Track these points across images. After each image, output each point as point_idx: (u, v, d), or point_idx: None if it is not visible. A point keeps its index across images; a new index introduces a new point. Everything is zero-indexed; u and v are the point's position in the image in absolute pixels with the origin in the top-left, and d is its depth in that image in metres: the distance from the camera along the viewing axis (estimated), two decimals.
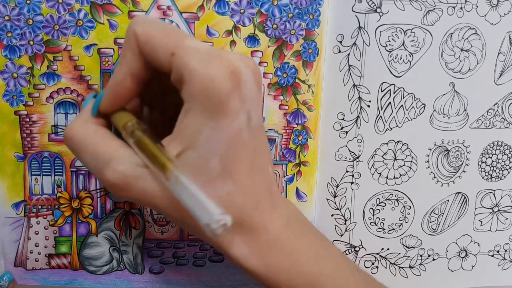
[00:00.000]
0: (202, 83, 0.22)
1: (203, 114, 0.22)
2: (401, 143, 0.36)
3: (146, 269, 0.36)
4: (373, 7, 0.34)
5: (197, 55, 0.22)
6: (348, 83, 0.35)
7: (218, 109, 0.22)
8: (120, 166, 0.23)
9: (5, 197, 0.34)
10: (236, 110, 0.22)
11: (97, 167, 0.24)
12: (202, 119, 0.22)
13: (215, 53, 0.23)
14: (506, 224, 0.39)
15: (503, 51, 0.36)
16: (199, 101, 0.22)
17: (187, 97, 0.23)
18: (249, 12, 0.33)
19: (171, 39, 0.23)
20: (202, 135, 0.22)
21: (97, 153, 0.24)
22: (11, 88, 0.33)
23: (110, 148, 0.24)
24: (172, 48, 0.23)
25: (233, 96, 0.22)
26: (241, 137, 0.23)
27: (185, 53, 0.22)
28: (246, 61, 0.23)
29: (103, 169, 0.24)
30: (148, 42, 0.23)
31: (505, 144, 0.38)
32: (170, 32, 0.23)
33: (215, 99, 0.22)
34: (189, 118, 0.23)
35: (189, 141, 0.23)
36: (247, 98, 0.23)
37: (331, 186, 0.37)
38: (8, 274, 0.35)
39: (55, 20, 0.32)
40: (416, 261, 0.38)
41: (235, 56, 0.23)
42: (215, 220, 0.19)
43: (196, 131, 0.22)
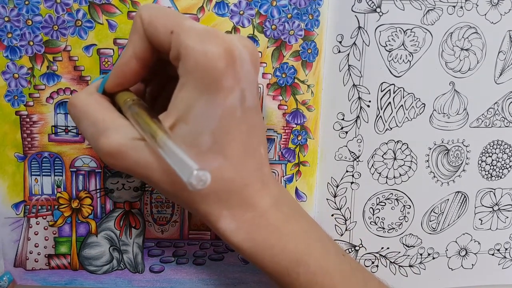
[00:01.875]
0: (197, 59, 0.22)
1: (196, 88, 0.23)
2: (401, 142, 0.36)
3: (146, 268, 0.36)
4: (373, 7, 0.34)
5: (194, 33, 0.23)
6: (348, 83, 0.35)
7: (211, 85, 0.22)
8: (115, 135, 0.24)
9: (5, 197, 0.34)
10: (229, 87, 0.23)
11: (94, 134, 0.25)
12: (196, 94, 0.23)
13: (211, 32, 0.23)
14: (507, 222, 0.39)
15: (503, 50, 0.36)
16: (193, 76, 0.22)
17: (183, 72, 0.23)
18: (248, 13, 0.33)
19: (171, 20, 0.24)
20: (195, 109, 0.23)
21: (96, 121, 0.25)
22: (13, 89, 0.33)
23: (109, 117, 0.25)
24: (171, 27, 0.23)
25: (227, 73, 0.22)
26: (234, 114, 0.23)
27: (182, 31, 0.23)
28: (243, 42, 0.24)
29: (100, 136, 0.24)
30: (151, 23, 0.24)
31: (505, 143, 0.38)
32: (170, 14, 0.24)
33: (208, 75, 0.22)
34: (183, 92, 0.23)
35: (181, 114, 0.23)
36: (242, 77, 0.23)
37: (331, 186, 0.36)
38: (7, 275, 0.35)
39: (54, 21, 0.32)
40: (416, 260, 0.38)
41: (232, 37, 0.24)
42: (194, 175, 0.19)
43: (189, 105, 0.23)
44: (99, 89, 0.27)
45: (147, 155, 0.24)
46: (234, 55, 0.23)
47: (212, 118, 0.23)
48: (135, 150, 0.24)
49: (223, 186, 0.24)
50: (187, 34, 0.23)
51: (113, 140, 0.24)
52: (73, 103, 0.26)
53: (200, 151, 0.23)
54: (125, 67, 0.26)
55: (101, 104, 0.26)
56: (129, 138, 0.24)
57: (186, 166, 0.20)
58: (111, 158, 0.24)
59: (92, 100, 0.26)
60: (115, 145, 0.24)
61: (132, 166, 0.24)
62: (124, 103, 0.26)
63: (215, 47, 0.22)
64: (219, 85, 0.22)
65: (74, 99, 0.27)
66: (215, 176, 0.23)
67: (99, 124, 0.25)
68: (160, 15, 0.24)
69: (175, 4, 0.33)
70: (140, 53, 0.25)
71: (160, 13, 0.24)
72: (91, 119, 0.25)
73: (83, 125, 0.26)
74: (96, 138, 0.25)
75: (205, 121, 0.23)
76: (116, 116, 0.25)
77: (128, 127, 0.25)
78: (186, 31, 0.23)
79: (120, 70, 0.26)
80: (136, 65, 0.26)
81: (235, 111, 0.23)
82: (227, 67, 0.22)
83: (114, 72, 0.26)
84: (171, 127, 0.23)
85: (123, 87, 0.27)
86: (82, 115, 0.26)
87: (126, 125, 0.25)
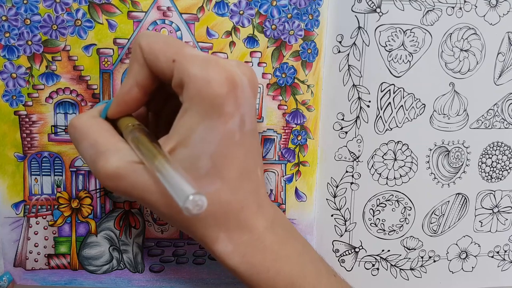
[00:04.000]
0: (200, 86, 0.22)
1: (198, 114, 0.23)
2: (401, 143, 0.35)
3: (146, 268, 0.35)
4: (373, 7, 0.32)
5: (195, 61, 0.23)
6: (347, 83, 0.33)
7: (213, 110, 0.22)
8: (114, 157, 0.24)
9: (5, 197, 0.33)
10: (230, 113, 0.23)
11: (93, 156, 0.24)
12: (197, 119, 0.23)
13: (212, 60, 0.23)
14: (506, 224, 0.38)
15: (503, 51, 0.35)
16: (196, 102, 0.23)
17: (186, 99, 0.23)
18: (248, 13, 0.32)
19: (171, 48, 0.24)
20: (196, 134, 0.23)
21: (96, 143, 0.25)
22: (10, 88, 0.32)
23: (109, 140, 0.25)
24: (173, 56, 0.23)
25: (228, 99, 0.23)
26: (233, 139, 0.23)
27: (184, 60, 0.23)
28: (242, 68, 0.24)
29: (99, 158, 0.24)
30: (151, 52, 0.24)
31: (505, 144, 0.36)
32: (170, 42, 0.24)
33: (210, 101, 0.22)
34: (185, 117, 0.23)
35: (182, 139, 0.23)
36: (242, 103, 0.23)
37: (330, 186, 0.35)
38: (7, 275, 0.34)
39: (53, 20, 0.31)
40: (417, 263, 0.37)
41: (232, 63, 0.24)
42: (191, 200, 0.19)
43: (190, 129, 0.23)
44: (102, 114, 0.27)
45: (145, 177, 0.23)
46: (235, 82, 0.23)
47: (212, 142, 0.23)
48: (133, 172, 0.23)
49: (220, 209, 0.24)
50: (190, 63, 0.23)
51: (112, 162, 0.23)
52: (73, 124, 0.26)
53: (198, 175, 0.23)
54: (127, 96, 0.26)
55: (102, 127, 0.26)
56: (128, 161, 0.24)
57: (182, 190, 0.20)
58: (108, 180, 0.24)
59: (93, 123, 0.26)
60: (113, 167, 0.23)
61: (129, 189, 0.24)
62: (125, 128, 0.26)
63: (217, 74, 0.22)
64: (220, 111, 0.22)
65: (75, 120, 0.26)
66: (213, 199, 0.23)
67: (99, 146, 0.24)
68: (159, 43, 0.24)
69: (175, 4, 0.32)
70: (141, 81, 0.25)
71: (159, 41, 0.24)
72: (91, 140, 0.25)
73: (83, 146, 0.25)
74: (95, 160, 0.24)
75: (204, 145, 0.23)
76: (117, 139, 0.25)
77: (127, 150, 0.24)
78: (188, 59, 0.23)
79: (122, 98, 0.26)
80: (137, 93, 0.25)
81: (234, 135, 0.23)
82: (228, 94, 0.22)
83: (116, 100, 0.26)
84: (171, 151, 0.23)
85: (125, 114, 0.27)
86: (82, 136, 0.25)
87: (125, 148, 0.24)
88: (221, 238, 0.25)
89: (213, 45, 0.32)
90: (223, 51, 0.32)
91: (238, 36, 0.32)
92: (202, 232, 0.25)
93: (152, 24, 0.32)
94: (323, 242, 0.36)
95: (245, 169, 0.24)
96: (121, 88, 0.26)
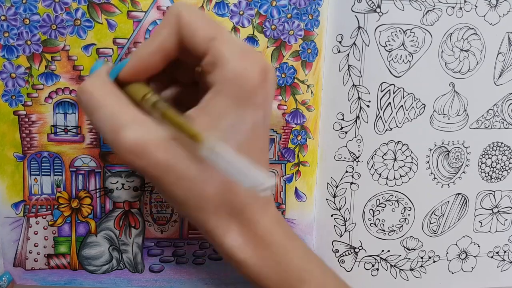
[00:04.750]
0: (236, 71, 0.22)
1: (231, 99, 0.22)
2: (401, 143, 0.34)
3: (146, 268, 0.35)
4: (373, 7, 0.32)
5: (234, 45, 0.23)
6: (347, 83, 0.33)
7: (246, 99, 0.22)
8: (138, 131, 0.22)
9: (5, 197, 0.33)
10: (259, 104, 0.23)
11: (113, 126, 0.22)
12: (230, 104, 0.22)
13: (249, 49, 0.24)
14: (506, 225, 0.38)
15: (503, 52, 0.34)
16: (229, 86, 0.22)
17: (219, 80, 0.22)
18: (248, 14, 0.32)
19: (212, 26, 0.23)
20: (228, 119, 0.22)
21: (115, 114, 0.22)
22: (10, 88, 0.31)
23: (131, 111, 0.23)
24: (213, 34, 0.23)
25: (260, 91, 0.23)
26: (258, 131, 0.23)
27: (224, 41, 0.23)
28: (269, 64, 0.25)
29: (119, 130, 0.22)
30: (191, 24, 0.23)
31: (505, 144, 0.36)
32: (210, 20, 0.24)
33: (245, 89, 0.22)
34: (218, 99, 0.22)
35: (213, 121, 0.22)
36: (267, 96, 0.23)
37: (330, 186, 0.35)
38: (7, 274, 0.33)
39: (52, 20, 0.31)
40: (417, 263, 0.36)
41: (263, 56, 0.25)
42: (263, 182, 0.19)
43: (221, 113, 0.22)
44: (111, 75, 0.24)
45: (170, 156, 0.22)
46: (268, 75, 0.23)
47: (241, 131, 0.23)
48: (159, 149, 0.22)
49: (238, 199, 0.23)
50: (229, 46, 0.22)
51: (135, 136, 0.21)
52: (86, 90, 0.23)
53: None
54: (148, 58, 0.24)
55: (118, 96, 0.24)
56: (155, 136, 0.22)
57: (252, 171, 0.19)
58: (130, 154, 0.22)
59: (108, 90, 0.24)
60: (138, 142, 0.21)
61: (150, 166, 0.22)
62: (143, 100, 0.23)
63: (254, 64, 0.22)
64: (252, 101, 0.22)
65: (87, 85, 0.24)
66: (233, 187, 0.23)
67: (120, 116, 0.22)
68: (201, 18, 0.23)
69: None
70: (168, 48, 0.24)
71: (201, 16, 0.24)
72: (109, 110, 0.23)
73: (99, 115, 0.23)
74: (114, 132, 0.22)
75: (234, 132, 0.22)
76: (136, 111, 0.23)
77: (152, 124, 0.22)
78: (227, 42, 0.23)
79: (142, 60, 0.24)
80: (159, 58, 0.24)
81: (259, 127, 0.23)
82: (261, 85, 0.23)
83: (134, 61, 0.24)
84: None
85: (139, 78, 0.25)
86: (98, 104, 0.23)
87: (149, 121, 0.22)
88: (232, 229, 0.24)
89: None
90: None
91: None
92: (214, 223, 0.24)
93: (152, 24, 0.31)
94: (322, 242, 0.35)
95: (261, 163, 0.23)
96: (142, 49, 0.24)
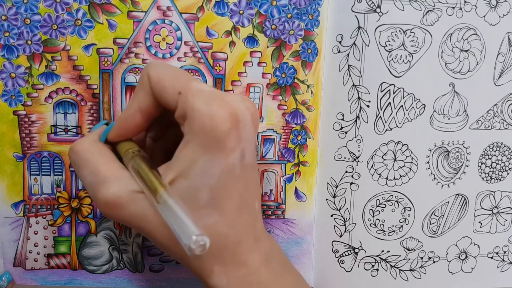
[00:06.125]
0: (203, 121, 0.22)
1: (200, 147, 0.23)
2: (401, 143, 0.34)
3: (146, 268, 0.34)
4: (373, 7, 0.31)
5: (200, 95, 0.23)
6: (347, 83, 0.33)
7: (215, 145, 0.22)
8: (115, 186, 0.24)
9: (5, 197, 0.32)
10: (231, 148, 0.23)
11: (93, 183, 0.24)
12: (199, 152, 0.23)
13: (217, 95, 0.23)
14: (505, 225, 0.37)
15: (502, 52, 0.34)
16: (198, 135, 0.23)
17: (188, 131, 0.23)
18: (248, 13, 0.32)
19: (179, 81, 0.24)
20: (196, 166, 0.23)
21: (97, 170, 0.25)
22: (9, 88, 0.31)
23: (110, 168, 0.25)
24: (179, 88, 0.23)
25: (231, 134, 0.23)
26: (233, 172, 0.23)
27: (190, 93, 0.23)
28: (246, 103, 0.24)
29: (99, 186, 0.24)
30: (159, 82, 0.24)
31: (505, 145, 0.36)
32: (178, 74, 0.24)
33: (213, 136, 0.22)
34: (186, 150, 0.23)
35: (183, 170, 0.23)
36: (243, 138, 0.23)
37: (330, 186, 0.34)
38: (7, 274, 0.33)
39: (53, 20, 0.30)
40: (416, 263, 0.36)
41: (236, 98, 0.24)
42: (194, 240, 0.19)
43: (191, 161, 0.23)
44: (102, 137, 0.27)
45: (144, 207, 0.23)
46: (238, 118, 0.23)
47: (212, 175, 0.23)
48: (132, 202, 0.23)
49: (217, 242, 0.24)
50: (195, 96, 0.23)
51: (112, 192, 0.23)
52: (75, 150, 0.26)
53: (197, 207, 0.23)
54: (129, 120, 0.26)
55: (103, 153, 0.26)
56: (128, 190, 0.24)
57: (187, 230, 0.20)
58: (107, 209, 0.24)
59: (94, 149, 0.26)
60: (113, 197, 0.23)
61: (128, 218, 0.24)
62: (125, 154, 0.25)
63: (221, 110, 0.22)
64: (222, 146, 0.22)
65: (76, 145, 0.26)
66: (210, 232, 0.23)
67: (100, 173, 0.24)
68: (167, 75, 0.24)
69: (175, 4, 0.31)
70: (145, 108, 0.25)
71: (167, 72, 0.24)
72: (91, 167, 0.25)
73: (83, 172, 0.25)
74: (95, 188, 0.24)
75: (204, 178, 0.23)
76: (117, 167, 0.25)
77: (127, 179, 0.24)
78: (193, 93, 0.23)
79: (124, 122, 0.26)
80: (140, 119, 0.25)
81: (234, 169, 0.23)
82: (231, 129, 0.23)
83: (118, 124, 0.26)
84: (171, 182, 0.23)
85: (126, 138, 0.27)
86: (83, 162, 0.25)
87: (125, 177, 0.24)
88: (216, 271, 0.24)
89: (213, 45, 0.32)
90: (223, 51, 0.32)
91: (238, 36, 0.32)
92: (197, 265, 0.24)
93: (152, 23, 0.31)
94: (322, 243, 0.35)
95: (243, 202, 0.24)
96: (124, 112, 0.26)
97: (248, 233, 0.25)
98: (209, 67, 0.32)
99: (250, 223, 0.25)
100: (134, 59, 0.31)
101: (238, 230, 0.24)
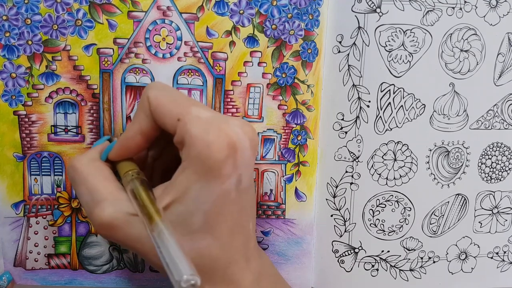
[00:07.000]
0: (200, 149, 0.22)
1: (196, 174, 0.23)
2: (401, 143, 0.34)
3: (146, 268, 0.34)
4: (373, 7, 0.31)
5: (198, 123, 0.23)
6: (347, 83, 0.32)
7: (210, 173, 0.22)
8: (110, 208, 0.24)
9: (5, 197, 0.32)
10: (227, 175, 0.23)
11: (89, 202, 0.25)
12: (195, 178, 0.23)
13: (215, 122, 0.23)
14: (505, 225, 0.37)
15: (503, 52, 0.34)
16: (194, 163, 0.23)
17: (186, 157, 0.23)
18: (248, 13, 0.31)
19: (178, 106, 0.24)
20: (191, 192, 0.23)
21: (94, 189, 0.25)
22: (10, 88, 0.31)
23: (107, 188, 0.25)
24: (178, 115, 0.23)
25: (227, 163, 0.23)
26: (228, 197, 0.23)
27: (188, 120, 0.23)
28: (244, 128, 0.24)
29: (95, 206, 0.24)
30: (158, 106, 0.24)
31: (505, 145, 0.35)
32: (177, 99, 0.24)
33: (209, 164, 0.22)
34: (183, 175, 0.23)
35: (178, 195, 0.23)
36: (240, 164, 0.23)
37: (330, 186, 0.34)
38: (7, 274, 0.33)
39: (53, 20, 0.30)
40: (416, 263, 0.36)
41: (234, 124, 0.23)
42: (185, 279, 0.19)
43: (186, 187, 0.23)
44: (102, 156, 0.27)
45: (140, 230, 0.24)
46: (235, 146, 0.23)
47: (207, 201, 0.23)
48: (129, 224, 0.24)
49: (209, 264, 0.24)
50: (193, 124, 0.23)
51: (107, 213, 0.24)
52: (74, 166, 0.26)
53: (190, 230, 0.23)
54: (130, 141, 0.26)
55: (102, 172, 0.26)
56: (123, 213, 0.24)
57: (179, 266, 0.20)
58: (102, 230, 0.24)
59: (93, 167, 0.26)
60: (108, 218, 0.24)
61: (123, 239, 0.24)
62: (124, 175, 0.26)
63: (218, 138, 0.22)
64: (217, 174, 0.23)
65: (75, 162, 0.26)
66: (202, 254, 0.23)
67: (97, 193, 0.25)
68: (166, 99, 0.24)
69: (175, 4, 0.31)
70: (146, 130, 0.25)
71: (166, 96, 0.24)
72: (89, 186, 0.25)
73: (81, 190, 0.25)
74: (91, 207, 0.24)
75: (199, 203, 0.23)
76: (114, 187, 0.25)
77: (123, 200, 0.24)
78: (191, 120, 0.23)
79: (125, 143, 0.26)
80: (140, 140, 0.26)
81: (230, 194, 0.23)
82: (227, 157, 0.23)
83: (119, 144, 0.26)
84: (167, 206, 0.23)
85: (126, 157, 0.27)
86: (81, 180, 0.25)
87: (122, 198, 0.25)
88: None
89: (213, 45, 0.31)
90: (223, 50, 0.31)
91: (238, 36, 0.31)
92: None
93: (152, 23, 0.31)
94: (322, 243, 0.35)
95: (237, 224, 0.24)
96: (125, 133, 0.26)
97: (240, 255, 0.25)
98: (209, 67, 0.32)
99: (243, 244, 0.25)
100: (134, 59, 0.31)
101: (230, 252, 0.24)
